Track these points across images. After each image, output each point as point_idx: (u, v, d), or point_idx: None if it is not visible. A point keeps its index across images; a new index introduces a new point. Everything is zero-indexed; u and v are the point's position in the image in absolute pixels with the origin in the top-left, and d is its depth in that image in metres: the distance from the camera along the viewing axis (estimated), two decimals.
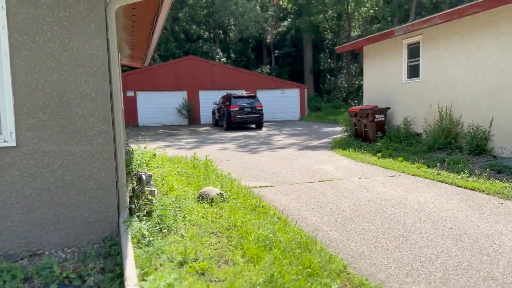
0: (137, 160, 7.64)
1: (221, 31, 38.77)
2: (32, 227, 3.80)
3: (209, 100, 26.44)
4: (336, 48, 15.81)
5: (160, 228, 4.47)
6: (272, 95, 28.98)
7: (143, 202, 4.18)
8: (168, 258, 3.72)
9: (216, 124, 24.40)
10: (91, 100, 3.87)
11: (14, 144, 3.72)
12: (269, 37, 41.33)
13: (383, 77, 13.69)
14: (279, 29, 41.60)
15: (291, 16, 40.31)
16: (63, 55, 3.79)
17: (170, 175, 7.66)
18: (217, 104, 23.63)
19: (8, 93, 3.67)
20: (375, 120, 12.76)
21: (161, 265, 3.54)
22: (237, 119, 21.15)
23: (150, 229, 3.97)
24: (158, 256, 3.66)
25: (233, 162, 11.16)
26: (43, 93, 3.76)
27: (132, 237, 3.76)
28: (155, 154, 8.88)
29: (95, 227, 3.95)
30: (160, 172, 7.27)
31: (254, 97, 22.03)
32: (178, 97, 26.90)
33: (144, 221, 3.96)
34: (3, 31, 3.63)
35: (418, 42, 11.82)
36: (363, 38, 13.77)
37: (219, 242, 4.33)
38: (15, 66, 3.68)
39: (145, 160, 8.01)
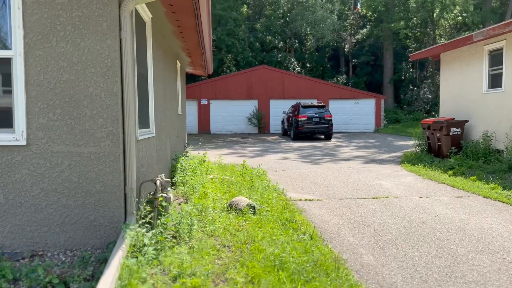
0: (181, 166, 7.57)
1: (296, 41, 38.56)
2: (39, 227, 3.79)
3: (279, 109, 26.26)
4: (409, 55, 14.73)
5: (173, 236, 4.25)
6: (345, 105, 28.02)
7: (147, 209, 3.98)
8: (163, 271, 3.47)
9: (285, 133, 24.10)
10: (101, 101, 3.78)
11: (24, 143, 3.75)
12: (347, 45, 40.25)
13: (461, 87, 12.42)
14: (358, 37, 40.31)
15: (371, 23, 38.89)
16: (75, 55, 3.75)
17: (212, 182, 7.49)
18: (286, 114, 23.34)
19: (21, 92, 3.72)
20: (450, 134, 11.58)
21: (151, 277, 3.30)
22: (305, 129, 20.65)
23: (154, 238, 3.76)
24: (151, 268, 3.43)
25: (288, 172, 10.77)
26: (54, 93, 3.75)
27: (131, 245, 3.57)
28: (204, 161, 8.79)
29: (100, 232, 3.83)
30: (199, 179, 7.13)
31: (323, 106, 21.40)
32: (249, 106, 27.08)
33: (146, 229, 3.75)
34: (19, 30, 3.69)
35: (502, 48, 10.52)
36: (439, 44, 12.62)
37: (229, 257, 4.00)
38: (28, 66, 3.72)
39: (191, 166, 7.93)
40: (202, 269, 3.50)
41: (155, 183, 4.27)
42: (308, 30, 35.02)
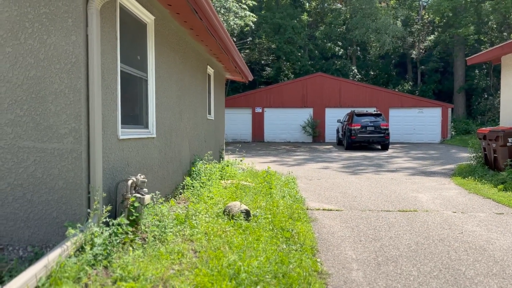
0: (197, 170, 7.48)
1: (358, 48, 37.38)
2: (5, 221, 3.83)
3: (335, 118, 25.43)
4: (466, 59, 13.53)
5: (142, 238, 4.12)
6: (407, 114, 26.51)
7: (108, 208, 3.87)
8: (109, 272, 3.33)
9: (340, 143, 23.31)
10: (64, 97, 3.77)
11: None
12: (414, 52, 38.27)
13: None
14: (426, 44, 38.19)
15: (439, 29, 36.64)
16: (41, 52, 3.78)
17: (225, 188, 7.31)
18: (341, 122, 22.57)
19: None
20: (508, 144, 10.38)
21: (88, 278, 3.17)
22: (358, 138, 19.77)
23: (111, 238, 3.64)
24: (93, 268, 3.30)
25: (322, 181, 10.29)
26: (21, 89, 3.80)
27: (86, 244, 3.48)
28: (227, 165, 8.65)
29: (62, 229, 3.79)
30: (210, 183, 6.97)
31: (379, 115, 20.37)
32: (304, 114, 26.58)
33: (104, 229, 3.64)
34: None
35: None
36: (497, 46, 11.41)
37: (192, 262, 3.76)
38: None
39: (210, 171, 7.81)
40: (149, 274, 3.30)
41: (126, 183, 4.17)
42: (371, 37, 33.80)
